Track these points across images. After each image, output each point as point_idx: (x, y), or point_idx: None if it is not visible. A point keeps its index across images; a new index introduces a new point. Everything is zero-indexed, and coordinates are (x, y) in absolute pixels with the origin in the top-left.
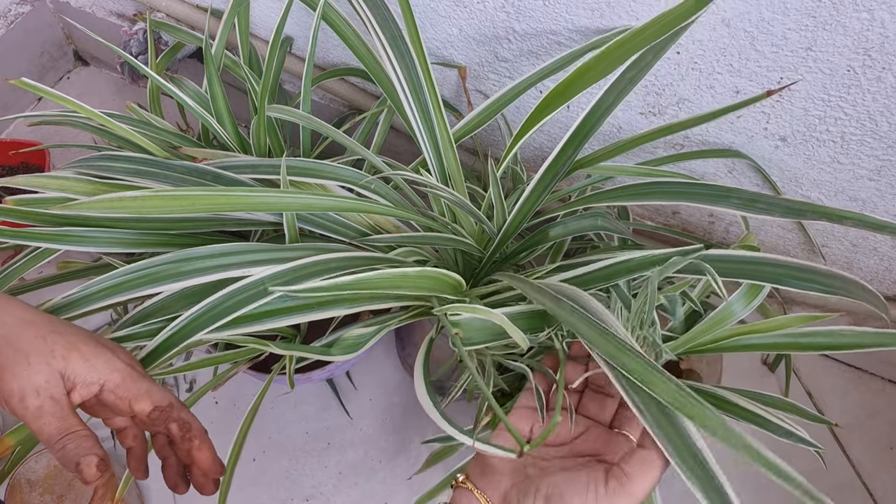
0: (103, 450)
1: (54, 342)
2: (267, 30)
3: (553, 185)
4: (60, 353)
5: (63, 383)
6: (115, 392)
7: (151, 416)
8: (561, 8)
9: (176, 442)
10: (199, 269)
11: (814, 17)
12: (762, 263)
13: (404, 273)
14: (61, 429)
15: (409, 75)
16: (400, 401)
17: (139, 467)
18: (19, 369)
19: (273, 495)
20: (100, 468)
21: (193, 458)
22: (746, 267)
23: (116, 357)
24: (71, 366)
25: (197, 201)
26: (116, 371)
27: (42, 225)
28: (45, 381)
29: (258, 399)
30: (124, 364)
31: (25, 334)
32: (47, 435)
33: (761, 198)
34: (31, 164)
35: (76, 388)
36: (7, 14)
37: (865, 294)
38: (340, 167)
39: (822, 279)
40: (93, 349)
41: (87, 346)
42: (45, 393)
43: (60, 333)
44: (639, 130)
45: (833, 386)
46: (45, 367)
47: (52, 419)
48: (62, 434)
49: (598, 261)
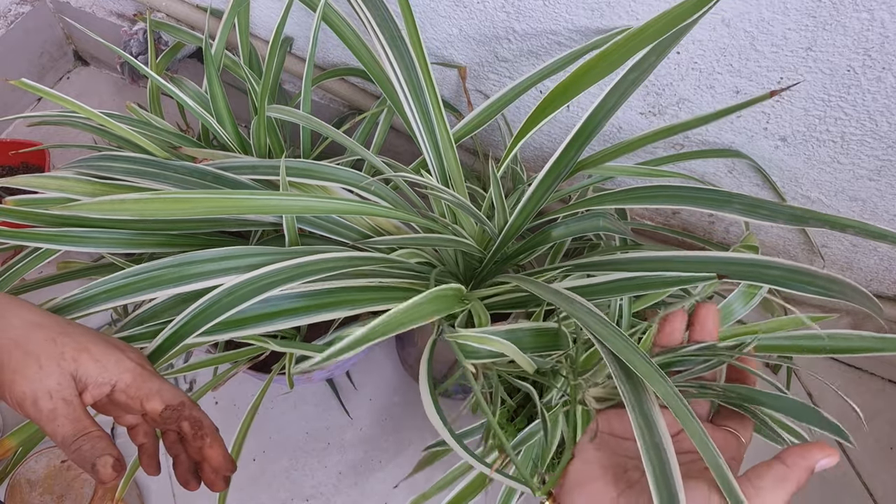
0: (118, 450)
1: (64, 344)
2: (267, 30)
3: (555, 187)
4: (71, 355)
5: (75, 385)
6: (127, 392)
7: (163, 415)
8: (561, 8)
9: (187, 440)
10: (201, 274)
11: (814, 17)
12: (762, 266)
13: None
14: (76, 430)
15: (409, 76)
16: (400, 401)
17: (151, 463)
18: (31, 372)
19: (273, 495)
20: (115, 468)
21: (205, 456)
22: (746, 269)
23: (126, 357)
24: (82, 367)
25: (198, 204)
26: (127, 371)
27: (42, 225)
28: (57, 383)
29: (258, 399)
30: (135, 363)
31: (35, 337)
32: (62, 437)
33: (764, 204)
34: (31, 164)
35: (88, 389)
36: (7, 14)
37: (862, 298)
38: (340, 168)
39: (821, 282)
40: (103, 350)
41: (96, 347)
42: (58, 395)
43: (69, 335)
44: (639, 130)
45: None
46: (56, 369)
47: (66, 421)
48: (77, 436)
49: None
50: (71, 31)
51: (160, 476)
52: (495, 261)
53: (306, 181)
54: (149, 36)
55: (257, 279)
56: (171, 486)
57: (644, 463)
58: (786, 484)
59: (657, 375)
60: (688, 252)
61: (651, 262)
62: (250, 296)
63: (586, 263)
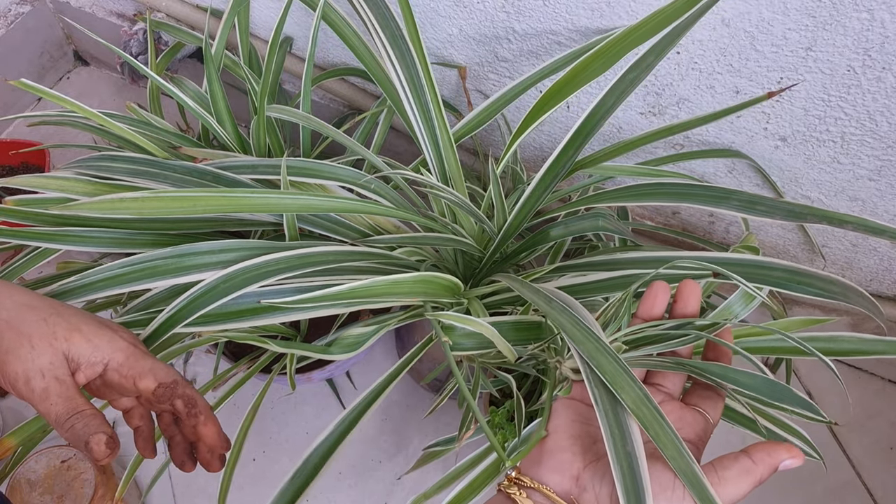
0: (111, 428)
1: (56, 324)
2: (267, 30)
3: (554, 186)
4: (63, 335)
5: (67, 364)
6: (119, 371)
7: (156, 393)
8: (561, 8)
9: (182, 419)
10: (198, 266)
11: (814, 17)
12: (762, 267)
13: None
14: (69, 409)
15: (410, 75)
16: (400, 401)
17: (147, 447)
18: (23, 352)
19: (273, 495)
20: (109, 445)
21: (199, 434)
22: (746, 270)
23: (119, 336)
24: (74, 346)
25: (198, 203)
26: (119, 350)
27: (42, 225)
28: (50, 362)
29: (258, 399)
30: (127, 343)
31: (27, 318)
32: (55, 415)
33: (763, 200)
34: (31, 164)
35: (80, 369)
36: (7, 14)
37: (862, 300)
38: (340, 167)
39: (821, 284)
40: (95, 329)
41: (88, 327)
42: (50, 374)
43: (61, 315)
44: (639, 130)
45: (833, 386)
46: (48, 348)
47: (59, 400)
48: (70, 414)
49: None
50: (71, 31)
51: (160, 476)
52: (494, 260)
53: (306, 180)
54: (149, 36)
55: (256, 267)
56: (171, 486)
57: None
58: (749, 477)
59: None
60: (687, 252)
61: (650, 263)
62: (247, 283)
63: (584, 264)
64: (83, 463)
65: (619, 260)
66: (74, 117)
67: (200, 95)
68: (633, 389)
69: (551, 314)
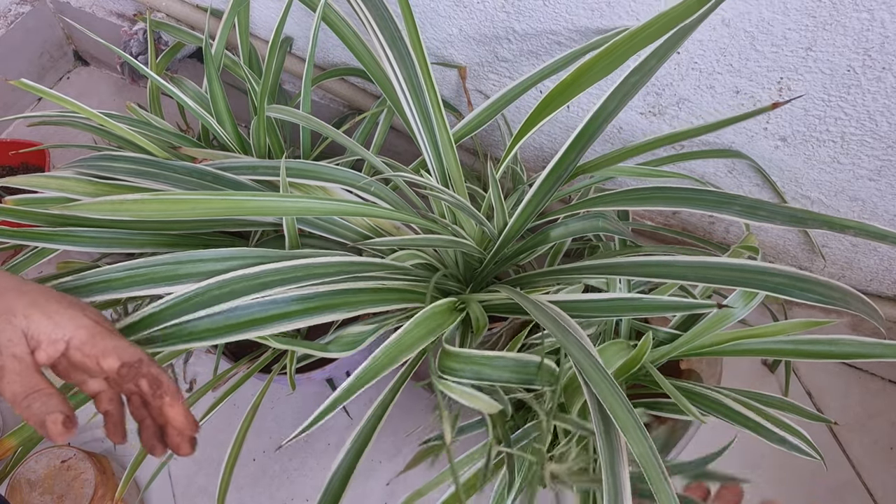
0: (70, 407)
1: (15, 300)
2: (267, 30)
3: (555, 189)
4: (22, 312)
5: (26, 342)
6: (82, 349)
7: (120, 373)
8: (561, 8)
9: (148, 400)
10: (197, 273)
11: (814, 17)
12: (762, 272)
13: (401, 336)
14: (26, 387)
15: (409, 76)
16: (399, 401)
17: (116, 431)
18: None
19: (273, 495)
20: (66, 425)
21: (166, 416)
22: (746, 275)
23: (83, 314)
24: (34, 324)
25: (198, 205)
26: (82, 328)
27: (42, 225)
28: (8, 339)
29: (258, 399)
30: (91, 321)
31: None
32: (11, 394)
33: (763, 205)
34: (31, 164)
35: (41, 347)
36: (7, 14)
37: (862, 306)
38: (340, 169)
39: (820, 289)
40: (56, 307)
41: (50, 305)
42: (7, 352)
43: (22, 292)
44: (639, 130)
45: (833, 386)
46: (6, 325)
47: (16, 377)
48: (27, 392)
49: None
50: (71, 31)
51: (160, 476)
52: (495, 261)
53: (306, 182)
54: (149, 36)
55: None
56: (171, 486)
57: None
58: None
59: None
60: (689, 258)
61: (651, 267)
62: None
63: (585, 267)
64: (83, 463)
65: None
66: (74, 117)
67: (200, 95)
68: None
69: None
